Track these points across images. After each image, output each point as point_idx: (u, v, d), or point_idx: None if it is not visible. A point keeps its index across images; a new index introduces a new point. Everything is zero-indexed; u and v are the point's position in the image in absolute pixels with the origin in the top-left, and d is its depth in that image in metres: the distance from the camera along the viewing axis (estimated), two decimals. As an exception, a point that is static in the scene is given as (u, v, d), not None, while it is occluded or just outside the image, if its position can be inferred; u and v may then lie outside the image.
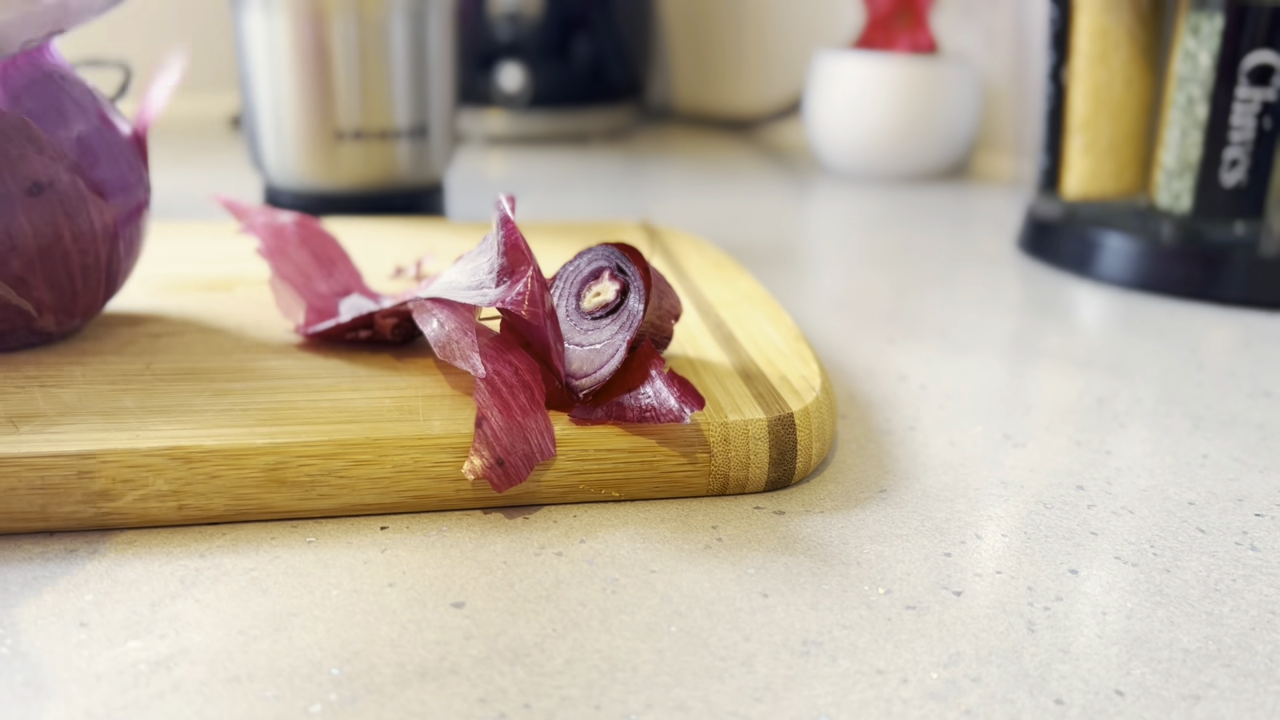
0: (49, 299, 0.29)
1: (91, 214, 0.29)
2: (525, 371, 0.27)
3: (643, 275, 0.29)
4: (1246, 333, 0.43)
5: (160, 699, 0.19)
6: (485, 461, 0.25)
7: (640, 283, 0.29)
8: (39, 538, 0.25)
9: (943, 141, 0.73)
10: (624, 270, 0.29)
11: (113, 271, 0.31)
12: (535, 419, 0.26)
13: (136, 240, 0.32)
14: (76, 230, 0.29)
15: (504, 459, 0.26)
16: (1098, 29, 0.51)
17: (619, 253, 0.30)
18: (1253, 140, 0.46)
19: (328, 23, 0.50)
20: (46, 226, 0.28)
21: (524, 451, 0.26)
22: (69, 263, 0.29)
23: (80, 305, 0.31)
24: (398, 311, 0.31)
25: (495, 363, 0.27)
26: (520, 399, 0.27)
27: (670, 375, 0.27)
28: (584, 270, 0.30)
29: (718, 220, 0.61)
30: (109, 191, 0.30)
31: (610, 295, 0.29)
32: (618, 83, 0.90)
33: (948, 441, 0.32)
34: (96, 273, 0.30)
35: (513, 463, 0.26)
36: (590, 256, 0.30)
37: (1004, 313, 0.45)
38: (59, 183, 0.28)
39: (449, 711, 0.19)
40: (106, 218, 0.30)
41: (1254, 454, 0.31)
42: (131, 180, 0.31)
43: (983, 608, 0.23)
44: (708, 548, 0.25)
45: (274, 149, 0.52)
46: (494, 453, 0.25)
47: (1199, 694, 0.21)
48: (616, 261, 0.30)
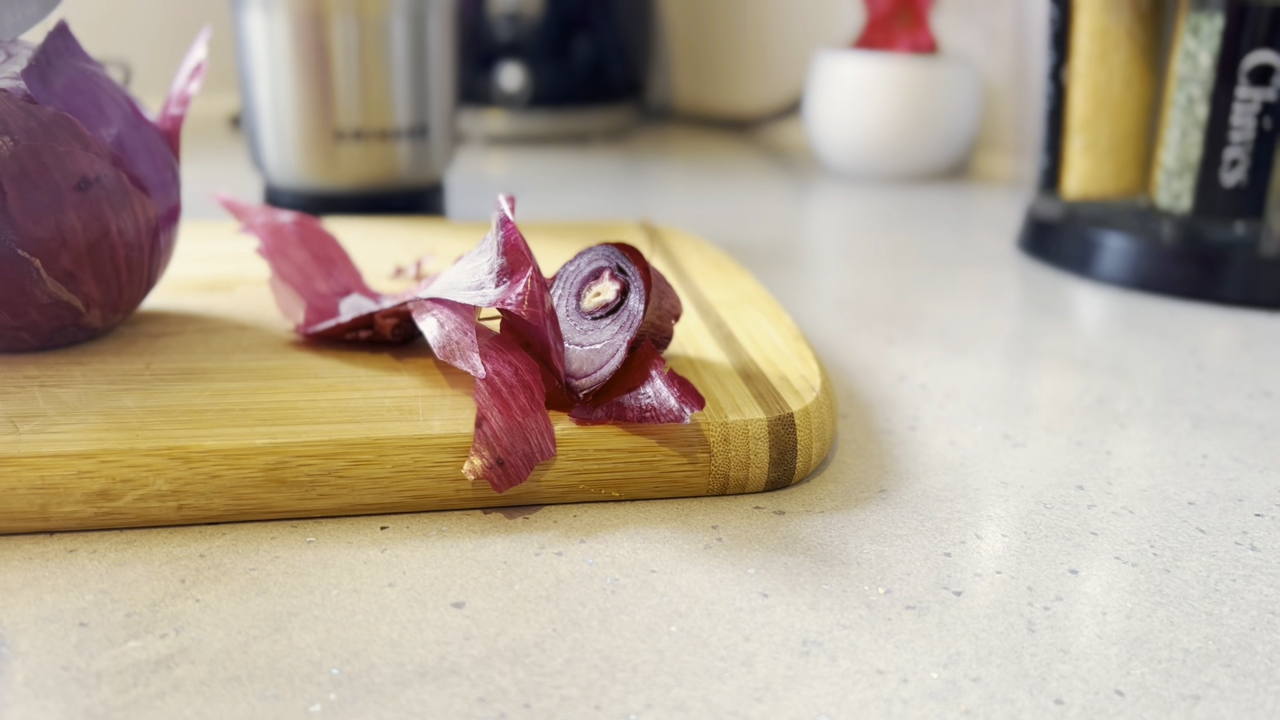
0: (97, 294, 0.30)
1: (135, 209, 0.29)
2: (525, 371, 0.27)
3: (643, 275, 0.29)
4: (1246, 333, 0.43)
5: (160, 699, 0.19)
6: (485, 462, 0.25)
7: (640, 283, 0.29)
8: (39, 538, 0.25)
9: (943, 141, 0.73)
10: (624, 270, 0.29)
11: (153, 266, 0.31)
12: (535, 419, 0.26)
13: (174, 236, 0.32)
14: (121, 226, 0.29)
15: (504, 459, 0.26)
16: (1098, 29, 0.51)
17: (619, 253, 0.30)
18: (1253, 140, 0.46)
19: (328, 23, 0.50)
20: (94, 222, 0.29)
21: (524, 451, 0.26)
22: (115, 258, 0.29)
23: (125, 300, 0.31)
24: (397, 312, 0.31)
25: (495, 363, 0.27)
26: (520, 399, 0.26)
27: (670, 375, 0.27)
28: (584, 270, 0.30)
29: (718, 220, 0.61)
30: (150, 187, 0.30)
31: (610, 295, 0.29)
32: (618, 83, 0.90)
33: (948, 441, 0.32)
34: (139, 268, 0.30)
35: (513, 463, 0.26)
36: (590, 256, 0.30)
37: (1004, 313, 0.45)
38: (105, 178, 0.29)
39: (449, 711, 0.19)
40: (149, 212, 0.30)
41: (1254, 454, 0.31)
42: (167, 177, 0.31)
43: (983, 608, 0.23)
44: (708, 548, 0.25)
45: (274, 149, 0.52)
46: (494, 453, 0.25)
47: (1199, 694, 0.21)
48: (617, 261, 0.30)
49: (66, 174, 0.28)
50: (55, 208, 0.28)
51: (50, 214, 0.28)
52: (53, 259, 0.29)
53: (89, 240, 0.29)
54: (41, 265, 0.28)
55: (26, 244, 0.28)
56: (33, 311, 0.29)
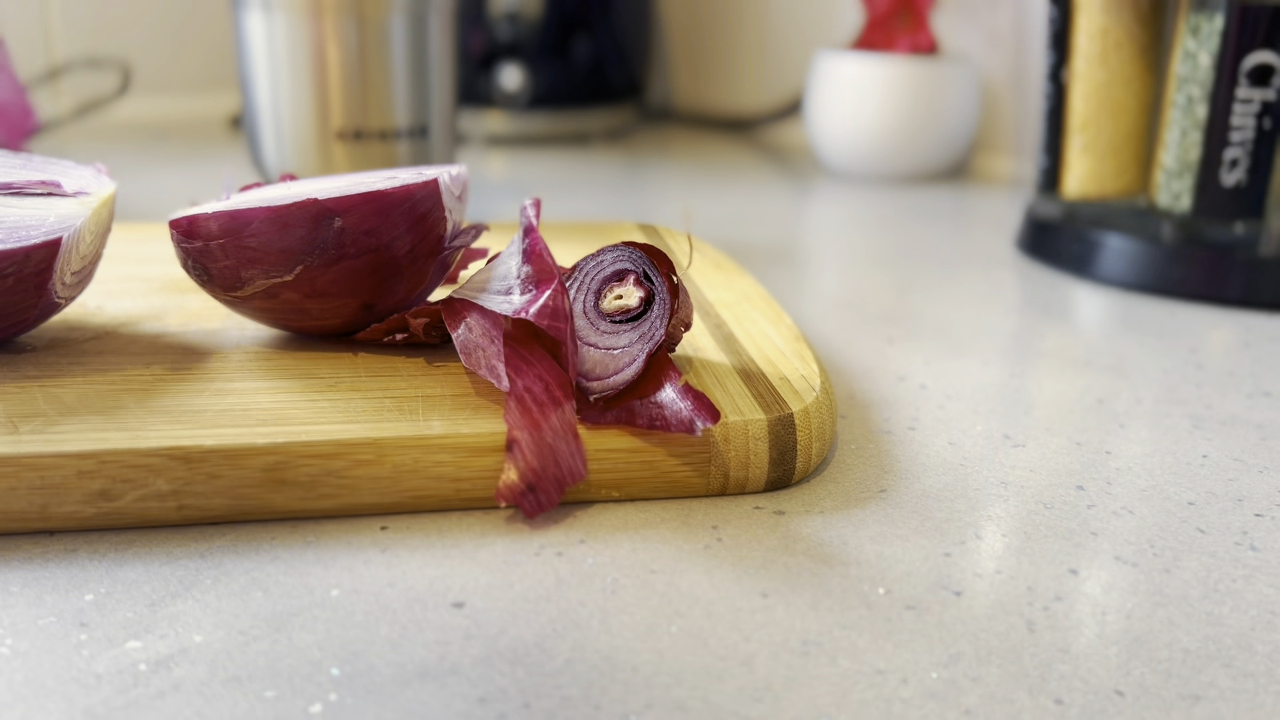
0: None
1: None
2: (556, 386, 0.27)
3: (669, 288, 0.28)
4: (1246, 333, 0.43)
5: (160, 699, 0.19)
6: (516, 488, 0.25)
7: (666, 295, 0.28)
8: (39, 538, 0.25)
9: (943, 141, 0.73)
10: (650, 278, 0.29)
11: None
12: (566, 440, 0.26)
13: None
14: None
15: (535, 484, 0.25)
16: (1098, 29, 0.51)
17: (647, 259, 0.29)
18: (1253, 140, 0.46)
19: (328, 23, 0.50)
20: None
21: (555, 475, 0.25)
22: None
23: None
24: (429, 311, 0.31)
25: (525, 377, 0.26)
26: (551, 419, 0.26)
27: (685, 387, 0.27)
28: (606, 269, 0.29)
29: (718, 220, 0.61)
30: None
31: (633, 302, 0.28)
32: (618, 83, 0.90)
33: (948, 441, 0.32)
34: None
35: (544, 488, 0.25)
36: (615, 255, 0.29)
37: (1004, 313, 0.45)
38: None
39: (449, 711, 0.19)
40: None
41: (1254, 454, 0.31)
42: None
43: (983, 608, 0.23)
44: (708, 548, 0.25)
45: (274, 149, 0.52)
46: (525, 478, 0.25)
47: (1199, 694, 0.21)
48: (644, 268, 0.29)
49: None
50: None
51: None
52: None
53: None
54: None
55: None
56: None
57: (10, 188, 0.31)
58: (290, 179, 0.36)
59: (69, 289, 0.30)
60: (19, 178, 0.31)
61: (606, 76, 0.89)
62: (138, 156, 0.75)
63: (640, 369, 0.27)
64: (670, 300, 0.28)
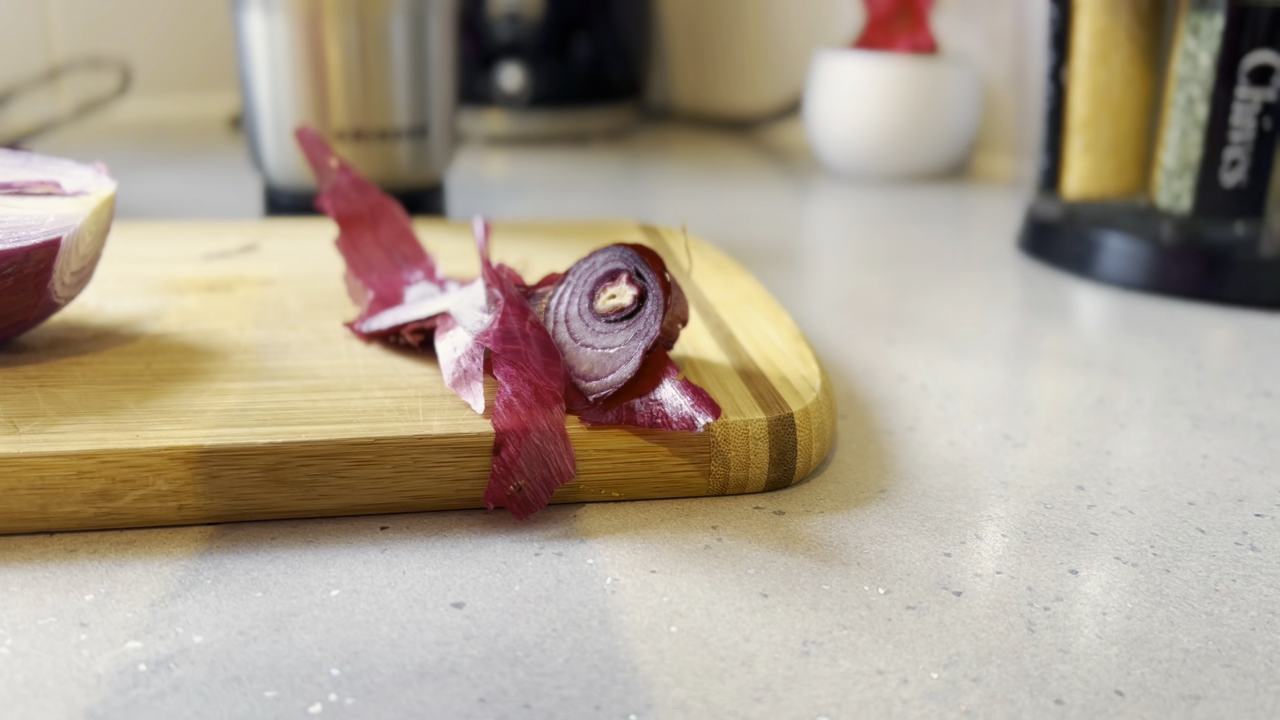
0: None
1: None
2: (545, 390, 0.27)
3: (661, 285, 0.28)
4: (1246, 333, 0.43)
5: (160, 699, 0.19)
6: (504, 489, 0.25)
7: (659, 291, 0.28)
8: (39, 538, 0.25)
9: (943, 141, 0.73)
10: (642, 276, 0.29)
11: None
12: (554, 441, 0.26)
13: None
14: None
15: (523, 485, 0.25)
16: (1098, 29, 0.51)
17: (638, 257, 0.29)
18: (1253, 140, 0.46)
19: (328, 23, 0.50)
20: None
21: (543, 476, 0.26)
22: None
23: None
24: (424, 327, 0.31)
25: (514, 383, 0.27)
26: (539, 421, 0.26)
27: (685, 383, 0.27)
28: (599, 269, 0.29)
29: (718, 220, 0.61)
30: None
31: (626, 300, 0.28)
32: (618, 83, 0.90)
33: (948, 441, 0.32)
34: None
35: (531, 488, 0.25)
36: (607, 256, 0.29)
37: (1004, 313, 0.45)
38: None
39: (449, 712, 0.19)
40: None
41: (1254, 454, 0.31)
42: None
43: (983, 608, 0.23)
44: (708, 548, 0.25)
45: (274, 149, 0.52)
46: (511, 479, 0.25)
47: (1199, 694, 0.21)
48: (635, 266, 0.29)
49: None
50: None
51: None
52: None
53: None
54: None
55: None
56: None
57: (10, 187, 0.31)
58: None
59: (69, 289, 0.30)
60: (19, 177, 0.31)
61: (606, 76, 0.89)
62: (138, 156, 0.75)
63: (637, 366, 0.27)
64: (663, 296, 0.28)
